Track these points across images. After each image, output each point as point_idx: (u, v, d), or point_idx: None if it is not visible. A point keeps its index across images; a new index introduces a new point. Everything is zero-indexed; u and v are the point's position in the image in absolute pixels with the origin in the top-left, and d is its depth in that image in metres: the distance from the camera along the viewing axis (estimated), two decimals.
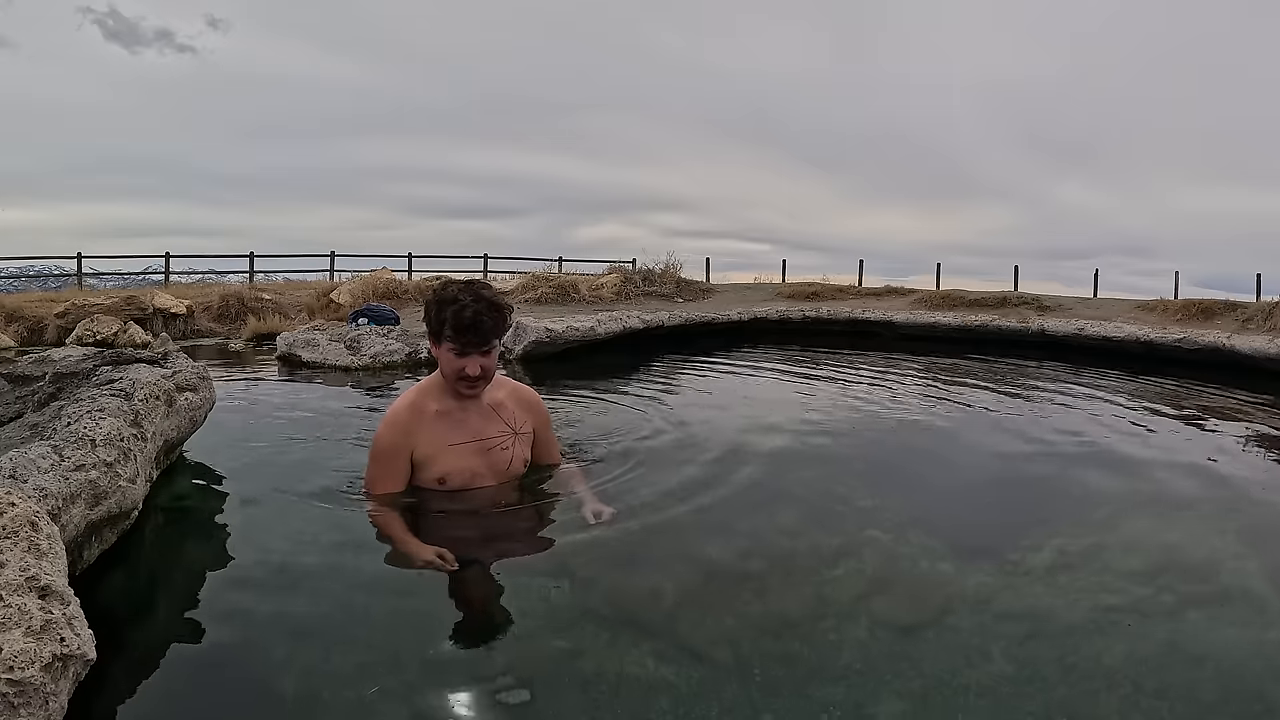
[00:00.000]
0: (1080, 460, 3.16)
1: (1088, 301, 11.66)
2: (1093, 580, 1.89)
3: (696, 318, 9.55)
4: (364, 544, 1.95)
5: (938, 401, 4.69)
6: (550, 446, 2.38)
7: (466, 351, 2.01)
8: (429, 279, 13.16)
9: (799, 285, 13.61)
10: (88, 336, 7.05)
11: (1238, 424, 4.14)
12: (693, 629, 1.55)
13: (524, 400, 2.29)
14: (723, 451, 2.94)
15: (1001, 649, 1.52)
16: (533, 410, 2.31)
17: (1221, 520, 2.39)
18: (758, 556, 1.94)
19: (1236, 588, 1.88)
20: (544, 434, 2.34)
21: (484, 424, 2.16)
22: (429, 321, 2.06)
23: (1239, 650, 1.56)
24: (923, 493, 2.71)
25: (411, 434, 2.08)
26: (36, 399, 2.18)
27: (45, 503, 1.34)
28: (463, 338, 1.99)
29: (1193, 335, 7.48)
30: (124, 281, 18.37)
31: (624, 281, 12.63)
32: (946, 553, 2.01)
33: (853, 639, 1.55)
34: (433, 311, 2.04)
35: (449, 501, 2.09)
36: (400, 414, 2.10)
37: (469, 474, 2.12)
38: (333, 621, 1.55)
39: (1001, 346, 8.38)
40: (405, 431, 2.08)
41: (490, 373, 2.08)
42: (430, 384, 2.16)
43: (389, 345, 5.82)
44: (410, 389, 2.19)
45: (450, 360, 2.03)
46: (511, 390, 2.28)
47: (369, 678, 1.35)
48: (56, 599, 1.04)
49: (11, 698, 0.88)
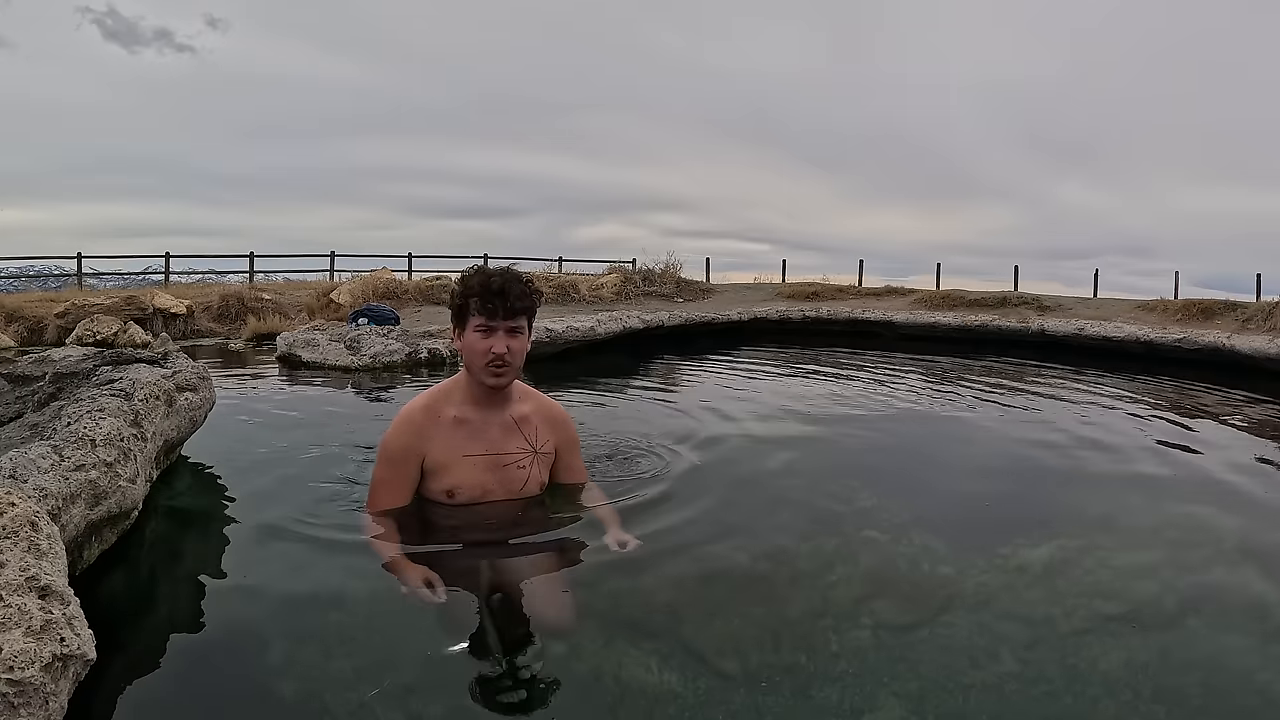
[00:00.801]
0: (1079, 460, 3.16)
1: (1088, 301, 11.67)
2: (1092, 582, 1.89)
3: (696, 318, 9.56)
4: (364, 544, 1.95)
5: (937, 402, 4.69)
6: (574, 472, 2.17)
7: (494, 324, 1.87)
8: (429, 279, 13.16)
9: (799, 285, 13.63)
10: (88, 336, 7.04)
11: (1237, 424, 4.14)
12: (694, 631, 1.55)
13: (551, 417, 2.11)
14: (722, 452, 2.94)
15: (1001, 651, 1.52)
16: (558, 429, 2.12)
17: (1221, 521, 2.39)
18: (757, 558, 1.94)
19: (1235, 589, 1.88)
20: (569, 458, 2.15)
21: (503, 437, 2.00)
22: (453, 306, 1.94)
23: (1237, 652, 1.56)
24: (923, 493, 2.71)
25: (425, 438, 1.95)
26: (36, 399, 2.18)
27: (45, 503, 1.34)
28: (490, 303, 1.85)
29: (1193, 335, 7.48)
30: (124, 281, 18.37)
31: (624, 281, 12.64)
32: (947, 554, 2.01)
33: (853, 640, 1.55)
34: (458, 292, 1.92)
35: (455, 516, 1.96)
36: (415, 415, 1.97)
37: (480, 489, 1.98)
38: (332, 622, 1.55)
39: (1001, 346, 8.39)
40: (419, 434, 1.95)
41: (520, 358, 1.93)
42: (449, 387, 2.03)
43: (389, 345, 5.82)
44: (426, 391, 2.05)
45: (476, 342, 1.89)
46: (539, 405, 2.11)
47: (369, 678, 1.35)
48: (56, 599, 1.04)
49: (11, 698, 0.88)
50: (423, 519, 1.96)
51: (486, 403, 1.99)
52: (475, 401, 1.99)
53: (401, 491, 1.97)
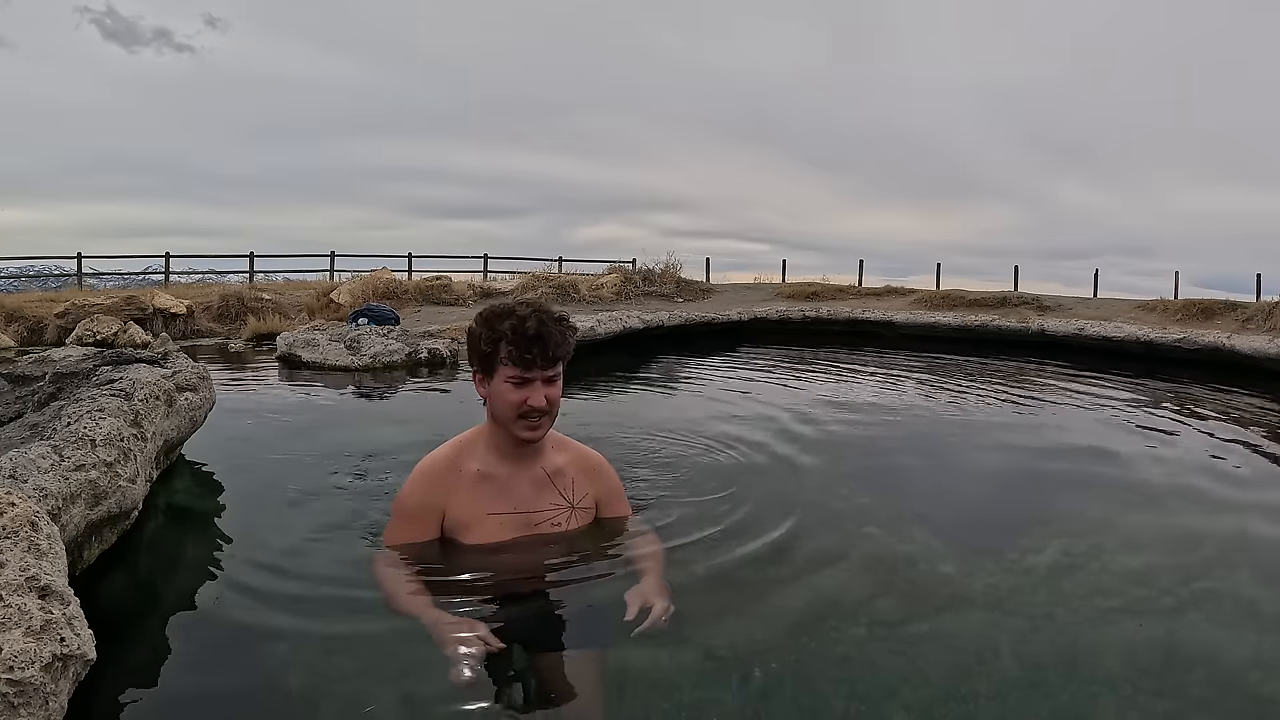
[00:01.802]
0: (1080, 460, 3.16)
1: (1088, 301, 11.67)
2: (1092, 581, 1.89)
3: (696, 318, 9.56)
4: (363, 544, 1.95)
5: (937, 402, 4.69)
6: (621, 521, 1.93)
7: (530, 374, 1.63)
8: (429, 279, 13.15)
9: (799, 285, 13.63)
10: (88, 336, 7.04)
11: (1237, 424, 4.14)
12: (695, 630, 1.55)
13: (589, 467, 1.88)
14: (722, 452, 2.94)
15: (1002, 650, 1.52)
16: (598, 480, 1.88)
17: (1221, 520, 2.39)
18: (758, 557, 1.94)
19: (1234, 588, 1.88)
20: (612, 507, 1.91)
21: (534, 494, 1.78)
22: (477, 347, 1.69)
23: (1236, 650, 1.56)
24: (923, 493, 2.71)
25: (446, 493, 1.73)
26: (36, 399, 2.19)
27: (45, 503, 1.34)
28: (527, 352, 1.61)
29: (1193, 335, 7.48)
30: (124, 281, 18.37)
31: (624, 281, 12.65)
32: (947, 554, 2.01)
33: (853, 641, 1.56)
34: (482, 332, 1.67)
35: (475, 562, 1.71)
36: (435, 468, 1.75)
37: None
38: (332, 622, 1.55)
39: (1001, 346, 8.39)
40: (439, 490, 1.73)
41: (556, 407, 1.71)
42: (472, 439, 1.79)
43: (389, 345, 5.82)
44: (448, 442, 1.82)
45: (508, 393, 1.65)
46: (575, 456, 1.87)
47: (368, 679, 1.35)
48: (56, 599, 1.04)
49: (11, 698, 0.88)
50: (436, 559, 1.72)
51: (516, 456, 1.75)
52: (503, 454, 1.75)
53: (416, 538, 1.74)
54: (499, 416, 1.70)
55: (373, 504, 2.18)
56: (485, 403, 1.73)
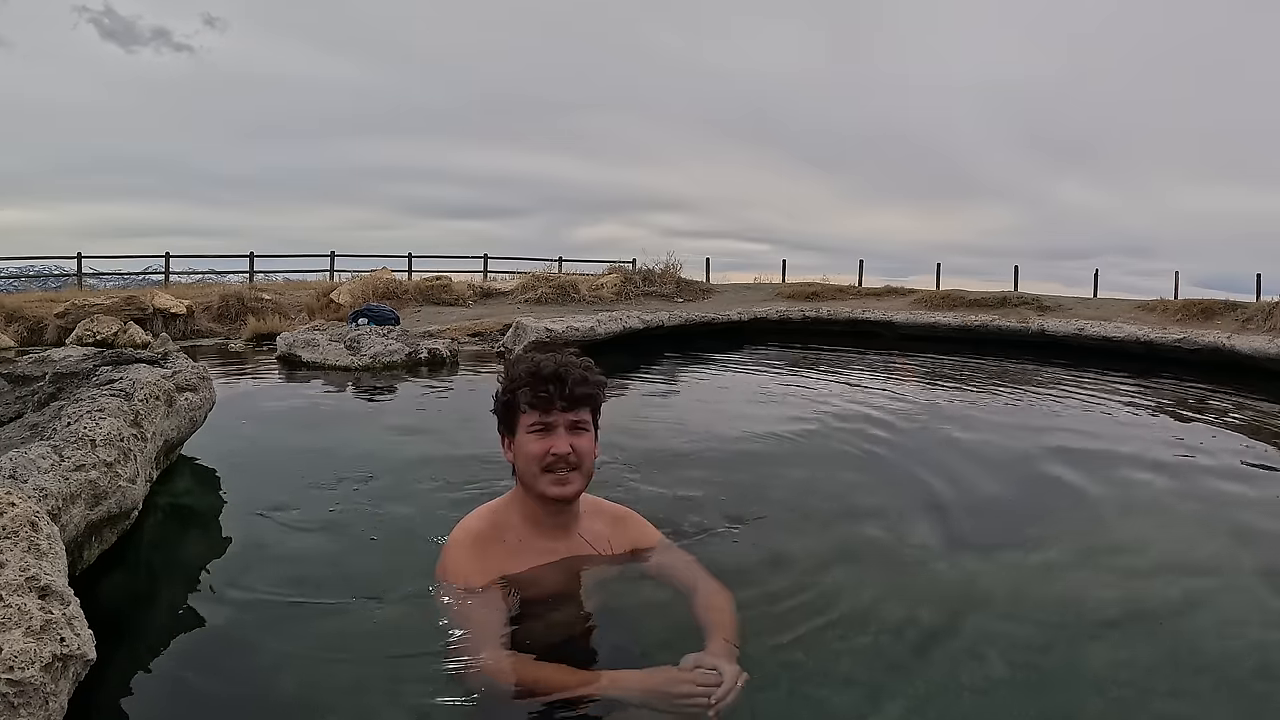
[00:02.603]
0: (1079, 460, 3.16)
1: (1088, 301, 11.67)
2: (1092, 580, 1.89)
3: (696, 318, 9.56)
4: (362, 544, 1.96)
5: (937, 402, 4.69)
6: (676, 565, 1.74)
7: (550, 418, 1.50)
8: (429, 279, 13.15)
9: (799, 285, 13.63)
10: (88, 336, 7.05)
11: (1238, 424, 4.14)
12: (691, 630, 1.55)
13: (629, 530, 1.72)
14: (722, 452, 2.94)
15: (1002, 649, 1.52)
16: (638, 540, 1.73)
17: (1220, 519, 2.40)
18: (758, 558, 1.94)
19: (1234, 586, 1.88)
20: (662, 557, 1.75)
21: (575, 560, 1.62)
22: (499, 408, 1.59)
23: (1236, 649, 1.56)
24: (923, 493, 2.71)
25: (500, 567, 1.55)
26: (36, 399, 2.19)
27: (45, 503, 1.34)
28: (544, 389, 1.49)
29: (1193, 335, 7.48)
30: (124, 281, 18.36)
31: (624, 281, 12.64)
32: (947, 553, 2.01)
33: (853, 640, 1.56)
34: (503, 384, 1.58)
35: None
36: (465, 540, 1.57)
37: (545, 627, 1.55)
38: (332, 622, 1.55)
39: (1001, 346, 8.39)
40: (473, 559, 1.54)
41: (588, 461, 1.55)
42: (503, 507, 1.63)
43: (389, 345, 5.82)
44: (475, 512, 1.65)
45: (530, 444, 1.51)
46: (612, 518, 1.72)
47: (367, 679, 1.35)
48: (56, 599, 1.04)
49: (11, 698, 0.88)
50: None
51: (551, 522, 1.58)
52: (536, 522, 1.58)
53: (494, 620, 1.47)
54: (525, 477, 1.55)
55: (373, 504, 2.18)
56: (514, 470, 1.58)
